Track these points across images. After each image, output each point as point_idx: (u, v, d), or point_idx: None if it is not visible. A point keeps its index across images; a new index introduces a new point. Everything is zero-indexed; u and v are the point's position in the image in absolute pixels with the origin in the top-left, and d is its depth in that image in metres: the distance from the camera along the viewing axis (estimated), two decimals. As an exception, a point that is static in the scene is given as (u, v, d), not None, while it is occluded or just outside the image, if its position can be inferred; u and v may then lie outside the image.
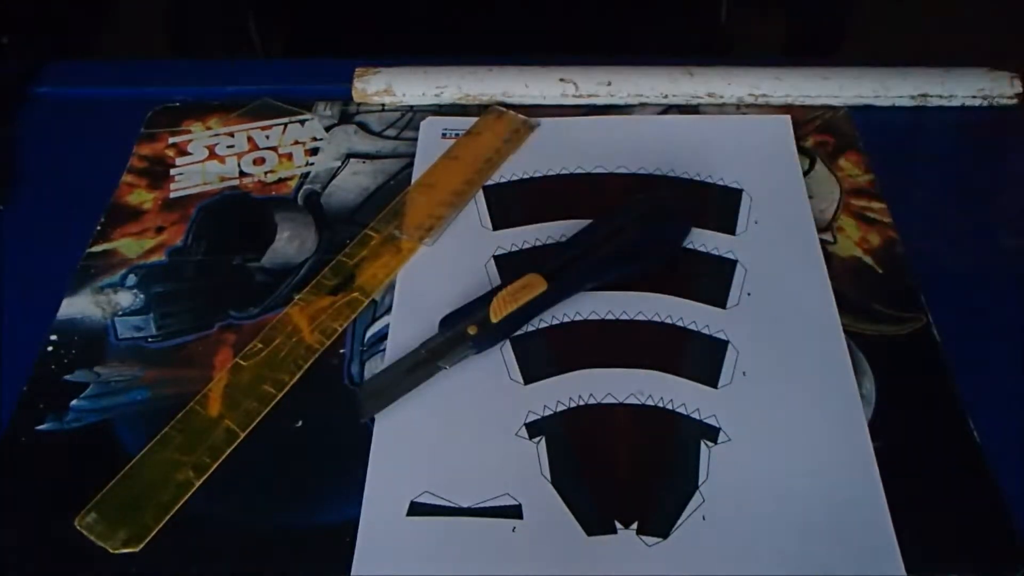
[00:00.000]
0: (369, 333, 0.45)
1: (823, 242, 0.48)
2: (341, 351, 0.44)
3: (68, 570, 0.38)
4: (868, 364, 0.43)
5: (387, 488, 0.39)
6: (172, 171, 0.53)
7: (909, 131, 0.50)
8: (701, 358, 0.43)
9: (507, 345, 0.44)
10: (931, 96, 0.55)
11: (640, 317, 0.45)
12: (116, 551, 0.37)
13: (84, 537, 0.38)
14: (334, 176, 0.53)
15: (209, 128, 0.55)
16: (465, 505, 0.39)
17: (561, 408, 0.41)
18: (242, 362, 0.43)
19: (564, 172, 0.52)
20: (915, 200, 0.50)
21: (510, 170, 0.52)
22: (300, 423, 0.41)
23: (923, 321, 0.45)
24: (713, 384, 0.42)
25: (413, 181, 0.52)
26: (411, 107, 0.56)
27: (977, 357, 0.43)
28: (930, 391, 0.42)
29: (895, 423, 0.41)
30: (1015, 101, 0.55)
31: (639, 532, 0.38)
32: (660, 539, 0.37)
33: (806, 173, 0.52)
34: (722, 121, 0.55)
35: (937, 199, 0.50)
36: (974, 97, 0.55)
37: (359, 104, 0.57)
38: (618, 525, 0.38)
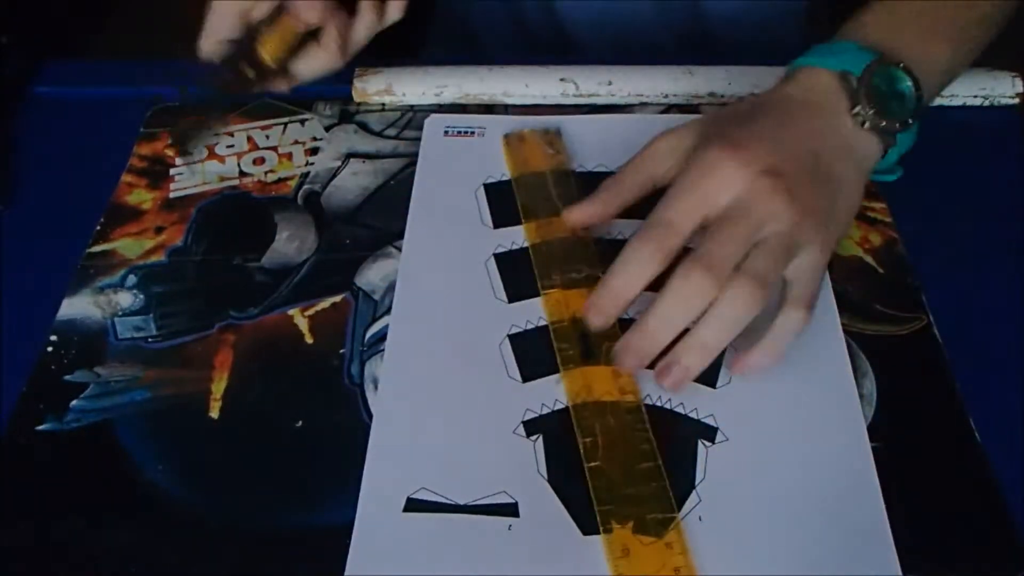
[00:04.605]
0: (369, 333, 0.45)
1: (823, 241, 0.48)
2: (341, 351, 0.44)
3: (68, 570, 0.38)
4: (869, 364, 0.43)
5: (384, 484, 0.39)
6: (172, 171, 0.53)
7: (909, 130, 0.50)
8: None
9: (506, 343, 0.44)
10: (932, 95, 0.55)
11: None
12: None
13: (83, 537, 0.38)
14: (334, 176, 0.53)
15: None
16: (462, 502, 0.39)
17: (559, 407, 0.41)
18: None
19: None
20: (916, 200, 0.49)
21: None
22: (300, 423, 0.42)
23: (924, 321, 0.45)
24: (712, 384, 0.42)
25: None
26: (411, 107, 0.56)
27: (978, 357, 0.43)
28: (931, 391, 0.42)
29: (896, 423, 0.41)
30: (1016, 101, 0.55)
31: (634, 532, 0.37)
32: (655, 539, 0.37)
33: (806, 172, 0.51)
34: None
35: (938, 199, 0.50)
36: (975, 97, 0.55)
37: (359, 104, 0.57)
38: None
